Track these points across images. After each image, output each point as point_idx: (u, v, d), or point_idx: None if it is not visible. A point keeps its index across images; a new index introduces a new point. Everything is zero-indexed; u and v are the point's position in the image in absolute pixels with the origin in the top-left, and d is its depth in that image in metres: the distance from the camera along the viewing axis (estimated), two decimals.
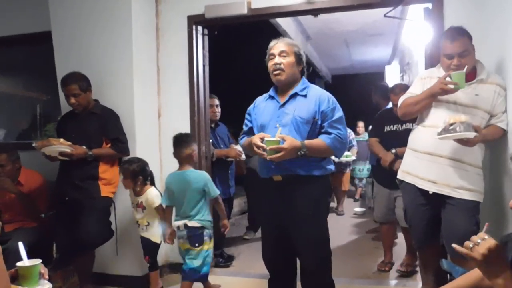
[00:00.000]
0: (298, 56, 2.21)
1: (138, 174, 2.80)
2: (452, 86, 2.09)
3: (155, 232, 2.87)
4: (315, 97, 2.16)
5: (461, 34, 2.16)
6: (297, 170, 2.10)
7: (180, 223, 2.66)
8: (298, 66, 2.22)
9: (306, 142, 2.07)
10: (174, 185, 2.71)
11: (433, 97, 2.21)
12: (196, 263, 2.62)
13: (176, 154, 2.76)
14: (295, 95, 2.19)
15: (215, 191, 2.72)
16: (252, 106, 2.35)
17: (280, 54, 2.17)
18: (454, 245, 1.25)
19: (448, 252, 2.24)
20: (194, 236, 2.63)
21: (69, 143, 2.64)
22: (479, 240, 1.20)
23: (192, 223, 2.64)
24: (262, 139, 2.07)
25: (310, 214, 2.12)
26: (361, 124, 6.64)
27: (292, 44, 2.23)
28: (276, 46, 2.20)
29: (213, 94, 3.69)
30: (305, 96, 2.18)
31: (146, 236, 2.87)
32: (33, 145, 2.66)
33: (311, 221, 2.13)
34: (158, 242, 2.88)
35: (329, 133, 2.13)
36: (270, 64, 2.20)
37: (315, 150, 2.09)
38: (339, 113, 2.18)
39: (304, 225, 2.12)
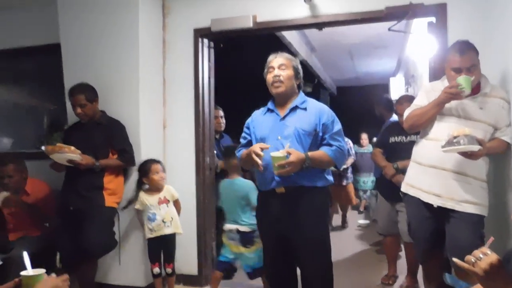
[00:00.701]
0: (296, 70, 2.27)
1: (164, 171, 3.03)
2: (457, 90, 2.07)
3: (179, 223, 3.01)
4: (315, 110, 2.22)
5: (469, 48, 2.17)
6: (302, 181, 2.13)
7: (233, 227, 2.94)
8: (296, 80, 2.28)
9: (310, 154, 2.11)
10: (224, 192, 3.05)
11: (440, 106, 2.19)
12: (252, 261, 2.89)
13: (226, 164, 3.12)
14: (295, 108, 2.23)
15: (255, 201, 2.80)
16: (250, 120, 2.38)
17: (279, 67, 2.23)
18: (455, 260, 1.24)
19: (452, 266, 2.22)
20: (246, 239, 2.90)
21: (79, 151, 2.66)
22: (481, 255, 1.19)
23: (243, 228, 2.91)
24: (262, 149, 2.10)
25: (314, 224, 2.15)
26: (364, 136, 6.56)
27: (291, 59, 2.29)
28: (275, 59, 2.26)
29: (218, 106, 3.72)
30: (305, 109, 2.23)
31: (171, 231, 2.95)
32: (42, 148, 2.66)
33: (315, 231, 2.16)
34: (182, 232, 3.04)
35: (331, 145, 2.19)
36: (269, 76, 2.25)
37: (318, 162, 2.13)
38: (338, 125, 2.25)
39: (307, 235, 2.14)
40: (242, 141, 2.40)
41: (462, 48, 2.17)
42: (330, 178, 2.27)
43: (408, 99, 3.11)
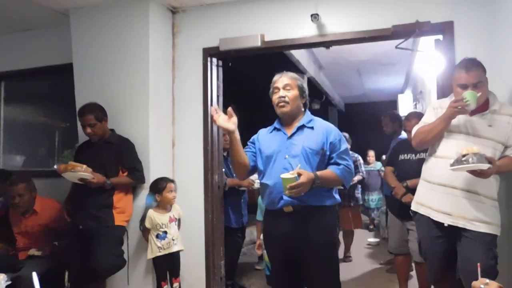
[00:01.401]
0: (301, 89, 2.28)
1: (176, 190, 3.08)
2: (462, 103, 2.06)
3: (181, 240, 3.08)
4: (322, 129, 2.23)
5: (476, 65, 2.17)
6: (310, 200, 2.13)
7: None
8: (302, 99, 2.29)
9: (318, 173, 2.11)
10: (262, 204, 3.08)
11: (446, 121, 2.18)
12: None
13: None
14: (302, 127, 2.24)
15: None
16: (256, 137, 2.39)
17: (284, 88, 2.24)
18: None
19: (465, 286, 2.18)
20: None
21: (91, 170, 2.68)
22: (482, 286, 1.18)
23: None
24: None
25: (322, 243, 2.14)
26: (371, 154, 6.43)
27: (296, 78, 2.30)
28: (280, 80, 2.27)
29: None
30: (312, 128, 2.24)
31: (178, 248, 3.01)
32: (55, 167, 2.68)
33: (323, 249, 2.15)
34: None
35: (338, 164, 2.18)
36: (275, 97, 2.26)
37: (326, 181, 2.13)
38: (344, 144, 2.25)
39: (315, 254, 2.12)
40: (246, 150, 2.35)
41: (468, 65, 2.17)
42: (338, 197, 2.27)
43: (416, 116, 3.10)
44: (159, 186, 2.97)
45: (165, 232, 2.94)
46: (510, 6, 2.40)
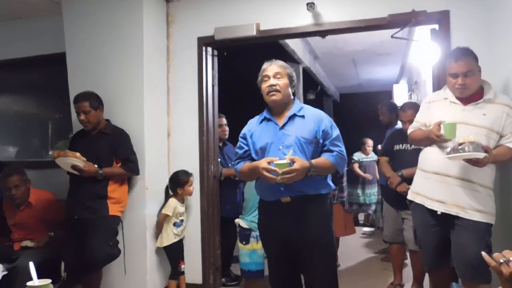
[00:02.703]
0: (290, 78, 2.26)
1: None
2: (440, 137, 2.14)
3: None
4: (313, 117, 2.21)
5: (465, 54, 2.19)
6: (307, 190, 2.12)
7: (237, 221, 3.05)
8: (291, 88, 2.27)
9: (313, 161, 2.10)
10: (247, 189, 3.10)
11: (431, 140, 2.25)
12: (244, 259, 2.97)
13: None
14: (293, 116, 2.21)
15: None
16: (247, 129, 2.34)
17: (274, 76, 2.21)
18: (484, 254, 1.22)
19: (458, 275, 2.21)
20: (243, 235, 2.98)
21: (84, 158, 2.68)
22: (501, 260, 1.18)
23: (242, 224, 3.00)
24: (269, 163, 2.05)
25: (319, 231, 2.14)
26: (370, 143, 5.89)
27: (285, 66, 2.28)
28: (270, 68, 2.24)
29: (221, 113, 3.73)
30: (303, 116, 2.21)
31: (183, 235, 3.24)
32: (50, 153, 2.71)
33: (320, 238, 2.15)
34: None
35: (331, 151, 2.18)
36: (265, 85, 2.23)
37: (321, 169, 2.12)
38: (336, 131, 2.23)
39: (313, 242, 2.13)
40: (239, 151, 2.33)
41: (457, 54, 2.21)
42: (332, 184, 2.27)
43: (411, 106, 3.11)
44: (182, 180, 3.15)
45: (182, 220, 3.19)
46: None
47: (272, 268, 2.32)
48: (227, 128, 3.81)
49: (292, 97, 2.28)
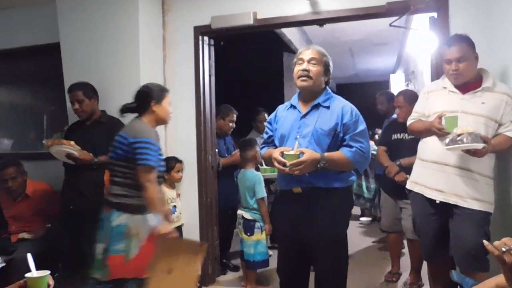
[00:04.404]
0: (326, 66, 2.17)
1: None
2: (441, 131, 2.12)
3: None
4: (338, 109, 2.11)
5: (459, 40, 2.19)
6: (317, 182, 2.06)
7: (240, 212, 3.21)
8: (325, 77, 2.17)
9: (326, 154, 2.02)
10: (239, 181, 3.28)
11: (430, 133, 2.25)
12: (249, 250, 3.09)
13: (242, 155, 3.30)
14: (317, 106, 2.13)
15: (260, 193, 3.13)
16: (274, 115, 2.29)
17: (309, 61, 2.12)
18: (485, 242, 1.21)
19: (456, 263, 2.22)
20: (247, 227, 3.12)
21: (79, 147, 2.65)
22: (504, 249, 1.17)
23: (246, 215, 3.14)
24: (282, 153, 2.02)
25: (330, 226, 2.08)
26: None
27: (323, 54, 2.18)
28: (307, 52, 2.15)
29: (234, 109, 3.75)
30: (327, 107, 2.12)
31: (182, 222, 3.25)
32: (43, 142, 2.68)
33: (329, 232, 2.09)
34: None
35: (351, 146, 2.07)
36: (297, 69, 2.13)
37: (335, 163, 2.04)
38: (362, 125, 2.12)
39: (322, 236, 2.08)
40: (265, 136, 2.33)
41: (451, 40, 2.23)
42: (352, 178, 2.18)
43: (402, 92, 3.24)
44: (168, 165, 3.07)
45: (175, 207, 3.15)
46: None
47: (281, 259, 2.28)
48: (234, 125, 3.80)
49: (323, 86, 2.19)
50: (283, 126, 2.19)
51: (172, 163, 3.15)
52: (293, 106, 2.21)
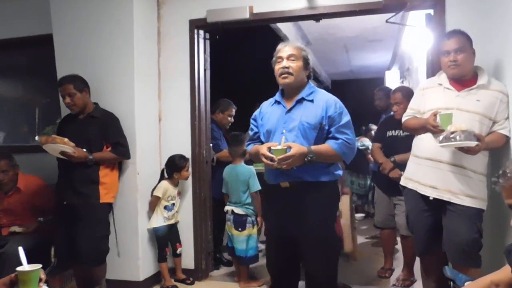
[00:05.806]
0: (306, 61, 2.19)
1: None
2: (436, 128, 2.13)
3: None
4: (322, 102, 2.14)
5: (458, 33, 2.22)
6: (305, 176, 2.08)
7: (229, 208, 3.17)
8: (305, 71, 2.19)
9: (313, 147, 2.05)
10: (228, 177, 3.23)
11: (425, 130, 2.24)
12: (241, 246, 3.07)
13: (233, 150, 3.27)
14: (301, 100, 2.16)
15: (254, 187, 3.12)
16: (258, 112, 2.32)
17: (288, 58, 2.14)
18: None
19: (449, 259, 2.23)
20: (238, 222, 3.11)
21: (73, 144, 2.61)
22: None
23: (237, 210, 3.12)
24: (269, 149, 2.03)
25: (318, 220, 2.10)
26: (374, 127, 5.15)
27: (301, 48, 2.20)
28: (285, 49, 2.16)
29: (234, 104, 3.78)
30: (311, 101, 2.15)
31: (177, 220, 3.25)
32: (36, 138, 2.64)
33: (318, 226, 2.11)
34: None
35: (337, 138, 2.10)
36: (277, 67, 2.16)
37: (322, 156, 2.07)
38: (346, 117, 2.15)
39: (310, 230, 2.10)
40: (250, 133, 2.35)
41: (449, 33, 2.26)
42: (338, 172, 2.20)
43: (399, 89, 3.24)
44: (179, 165, 3.15)
45: (173, 204, 3.18)
46: None
47: (270, 254, 2.30)
48: (232, 119, 3.81)
49: (305, 80, 2.20)
50: (268, 121, 2.20)
51: (183, 162, 3.18)
52: (277, 102, 2.23)
